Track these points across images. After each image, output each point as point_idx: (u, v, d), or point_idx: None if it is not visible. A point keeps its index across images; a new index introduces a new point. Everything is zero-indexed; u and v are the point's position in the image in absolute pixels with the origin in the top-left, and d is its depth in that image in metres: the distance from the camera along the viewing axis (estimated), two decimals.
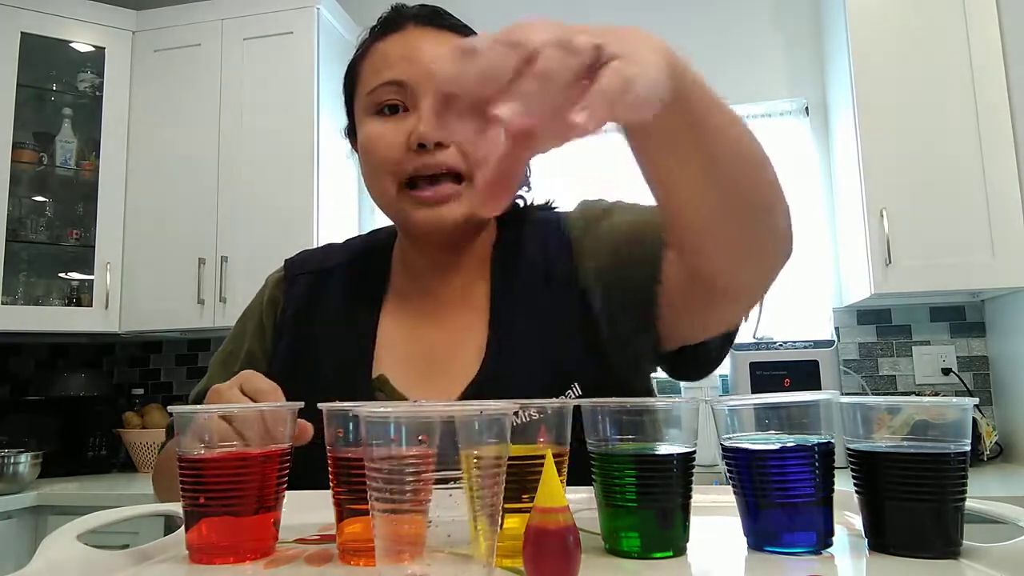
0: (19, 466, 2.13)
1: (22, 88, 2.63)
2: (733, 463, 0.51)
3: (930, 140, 2.14)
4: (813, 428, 0.50)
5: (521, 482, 0.47)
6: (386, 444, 0.41)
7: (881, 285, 2.13)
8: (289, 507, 0.61)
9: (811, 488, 0.49)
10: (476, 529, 0.40)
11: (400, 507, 0.40)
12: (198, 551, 0.51)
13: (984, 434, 2.12)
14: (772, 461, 0.50)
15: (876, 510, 0.49)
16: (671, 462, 0.50)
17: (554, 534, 0.40)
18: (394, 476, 0.40)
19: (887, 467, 0.48)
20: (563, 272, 0.85)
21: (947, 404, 0.49)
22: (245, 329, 0.95)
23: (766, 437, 0.51)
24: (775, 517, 0.50)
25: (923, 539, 0.47)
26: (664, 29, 2.78)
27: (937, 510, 0.47)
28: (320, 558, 0.52)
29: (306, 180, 2.57)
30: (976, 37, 2.14)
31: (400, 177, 0.82)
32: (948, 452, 0.48)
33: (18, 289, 2.67)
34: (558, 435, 0.53)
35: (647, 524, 0.50)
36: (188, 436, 0.53)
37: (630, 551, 0.50)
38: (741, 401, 0.52)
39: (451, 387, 0.82)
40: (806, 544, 0.49)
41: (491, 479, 0.41)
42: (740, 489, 0.51)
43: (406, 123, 0.82)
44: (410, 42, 0.84)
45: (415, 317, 0.90)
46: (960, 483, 0.48)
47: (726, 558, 0.50)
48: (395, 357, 0.87)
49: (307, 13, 2.64)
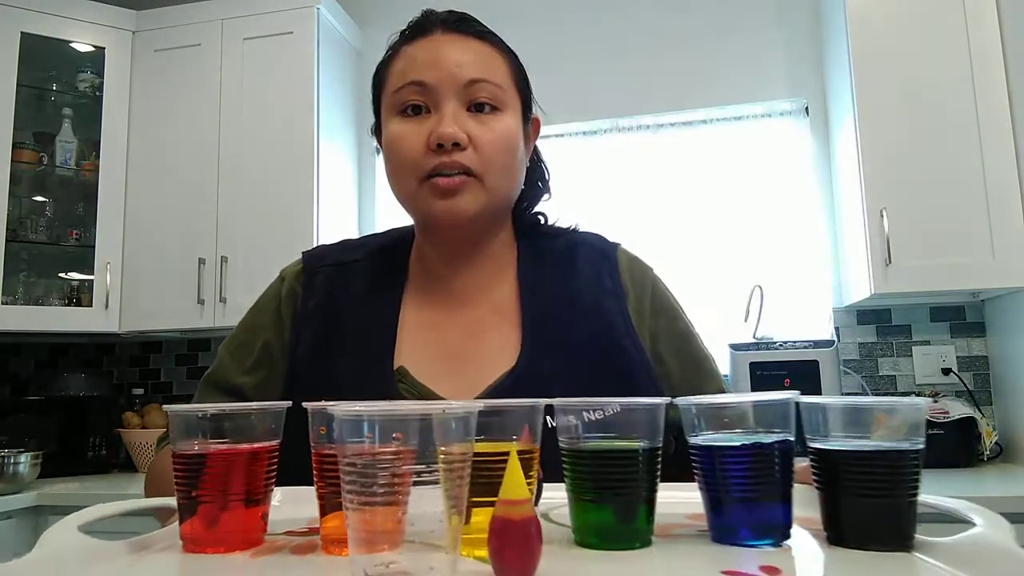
0: (19, 466, 2.13)
1: (22, 88, 2.63)
2: (697, 460, 0.54)
3: (930, 140, 2.14)
4: (773, 427, 0.52)
5: (493, 478, 0.49)
6: (359, 441, 0.43)
7: (881, 285, 2.13)
8: (283, 502, 0.64)
9: (770, 484, 0.51)
10: (446, 521, 0.42)
11: (371, 500, 0.42)
12: (190, 541, 0.54)
13: (984, 434, 2.12)
14: (733, 458, 0.52)
15: (833, 505, 0.51)
16: (636, 458, 0.52)
17: (517, 524, 0.42)
18: (367, 471, 0.42)
19: (844, 464, 0.50)
20: (611, 307, 0.91)
21: (900, 404, 0.51)
22: (259, 322, 0.95)
23: (728, 436, 0.53)
24: (736, 512, 0.52)
25: (878, 533, 0.49)
26: (664, 29, 2.79)
27: (891, 505, 0.49)
28: (304, 548, 0.54)
29: (306, 180, 2.57)
30: (976, 37, 2.14)
31: (419, 174, 0.85)
32: (902, 450, 0.49)
33: (18, 289, 2.67)
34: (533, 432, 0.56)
35: (613, 517, 0.52)
36: (181, 434, 0.56)
37: (596, 543, 0.52)
38: (704, 401, 0.54)
39: (477, 381, 0.85)
40: (766, 537, 0.51)
41: (458, 474, 0.43)
42: (704, 485, 0.53)
43: (427, 124, 0.85)
44: (435, 46, 0.87)
45: (434, 311, 0.92)
46: (913, 479, 0.50)
47: (688, 550, 0.52)
48: (415, 349, 0.89)
49: (307, 13, 2.64)
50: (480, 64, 0.86)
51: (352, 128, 2.93)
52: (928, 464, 1.55)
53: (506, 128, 0.87)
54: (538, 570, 0.43)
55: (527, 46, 0.95)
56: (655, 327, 0.93)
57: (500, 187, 0.87)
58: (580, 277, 0.93)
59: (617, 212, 2.60)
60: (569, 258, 0.95)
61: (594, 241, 1.00)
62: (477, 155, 0.84)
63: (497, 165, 0.85)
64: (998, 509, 0.51)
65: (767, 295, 2.39)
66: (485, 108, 0.86)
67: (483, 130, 0.85)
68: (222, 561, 0.52)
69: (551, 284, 0.92)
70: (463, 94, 0.85)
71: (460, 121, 0.84)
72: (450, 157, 0.83)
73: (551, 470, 0.57)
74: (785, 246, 2.56)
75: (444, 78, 0.85)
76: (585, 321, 0.89)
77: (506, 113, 0.87)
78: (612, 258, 0.96)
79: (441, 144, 0.83)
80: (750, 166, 2.63)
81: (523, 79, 0.93)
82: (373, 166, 2.96)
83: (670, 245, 2.58)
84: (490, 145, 0.85)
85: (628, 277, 0.95)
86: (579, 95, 2.72)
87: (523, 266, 0.94)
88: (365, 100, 2.96)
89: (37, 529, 2.13)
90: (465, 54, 0.86)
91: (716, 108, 2.67)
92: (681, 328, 0.95)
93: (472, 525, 0.48)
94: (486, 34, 0.90)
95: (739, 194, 2.62)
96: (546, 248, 0.97)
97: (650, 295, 0.94)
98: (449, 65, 0.85)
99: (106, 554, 0.51)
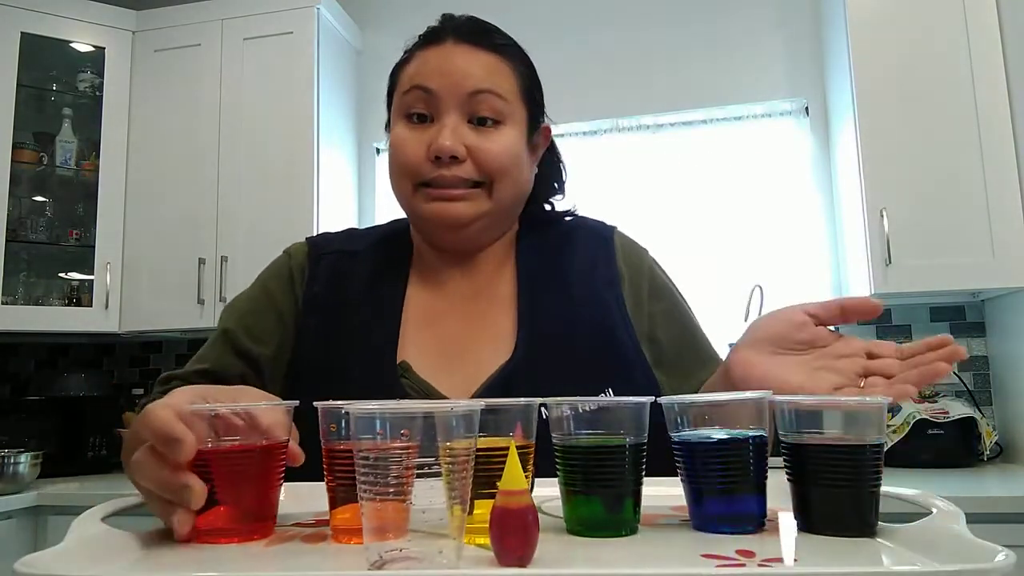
0: (19, 466, 2.12)
1: (22, 88, 2.64)
2: (679, 455, 0.57)
3: (930, 140, 2.14)
4: (749, 423, 0.56)
5: (491, 471, 0.53)
6: (372, 437, 0.46)
7: (881, 285, 2.13)
8: (289, 497, 0.67)
9: (746, 476, 0.55)
10: (450, 511, 0.46)
11: (384, 492, 0.45)
12: (205, 534, 0.56)
13: (984, 434, 2.12)
14: (712, 453, 0.56)
15: (803, 495, 0.55)
16: (623, 452, 0.55)
17: (515, 513, 0.46)
18: (379, 465, 0.46)
19: (813, 457, 0.54)
20: (607, 297, 0.92)
21: (862, 401, 0.55)
22: (270, 288, 0.96)
23: (708, 432, 0.56)
24: (715, 502, 0.56)
25: (843, 520, 0.53)
26: (665, 29, 2.78)
27: (855, 495, 0.53)
28: (315, 538, 0.57)
29: (306, 180, 2.57)
30: (976, 37, 2.15)
31: (416, 180, 0.88)
32: (864, 444, 0.54)
33: (18, 289, 2.67)
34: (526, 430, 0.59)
35: (602, 507, 0.55)
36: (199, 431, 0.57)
37: (587, 532, 0.55)
38: (685, 400, 0.58)
39: (475, 375, 0.85)
40: (743, 525, 0.55)
41: (462, 468, 0.47)
42: (685, 477, 0.57)
43: (428, 133, 0.87)
44: (446, 54, 0.89)
45: (435, 303, 0.93)
46: (875, 471, 0.54)
47: (671, 537, 0.56)
48: (417, 344, 0.89)
49: (307, 13, 2.64)
50: (486, 76, 0.88)
51: (352, 128, 2.93)
52: (928, 464, 1.56)
53: (506, 141, 0.88)
54: (535, 555, 0.47)
55: (527, 46, 0.95)
56: (653, 310, 0.94)
57: (506, 196, 0.89)
58: (576, 264, 0.94)
59: (617, 212, 2.59)
60: (568, 244, 0.97)
61: (592, 225, 1.01)
62: (476, 168, 0.86)
63: (499, 175, 0.87)
64: (998, 509, 0.53)
65: (767, 295, 2.39)
66: (487, 122, 0.87)
67: (482, 142, 0.86)
68: (239, 550, 0.54)
69: (547, 275, 0.93)
70: (466, 105, 0.87)
71: (459, 133, 0.86)
72: (449, 170, 0.86)
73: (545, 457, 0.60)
74: (785, 246, 2.56)
75: (448, 87, 0.86)
76: (581, 314, 0.90)
77: (508, 126, 0.88)
78: (610, 242, 0.98)
79: (439, 156, 0.85)
80: (750, 166, 2.63)
81: (532, 91, 0.93)
82: (373, 166, 2.96)
83: (670, 245, 2.57)
84: (489, 157, 0.86)
85: (623, 261, 0.96)
86: (579, 95, 2.72)
87: (523, 257, 0.96)
88: (365, 100, 2.97)
89: (37, 529, 2.13)
90: (473, 65, 0.88)
91: (716, 108, 2.68)
92: (679, 314, 0.97)
93: (474, 516, 0.51)
94: (500, 47, 0.91)
95: (739, 194, 2.62)
96: (545, 235, 0.98)
97: (647, 278, 0.96)
98: (455, 75, 0.87)
99: (128, 544, 0.54)
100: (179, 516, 0.54)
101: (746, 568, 0.45)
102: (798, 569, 0.46)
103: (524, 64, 0.93)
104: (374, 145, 2.96)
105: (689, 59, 2.72)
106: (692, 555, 0.49)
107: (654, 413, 0.58)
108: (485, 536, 0.47)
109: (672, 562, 0.49)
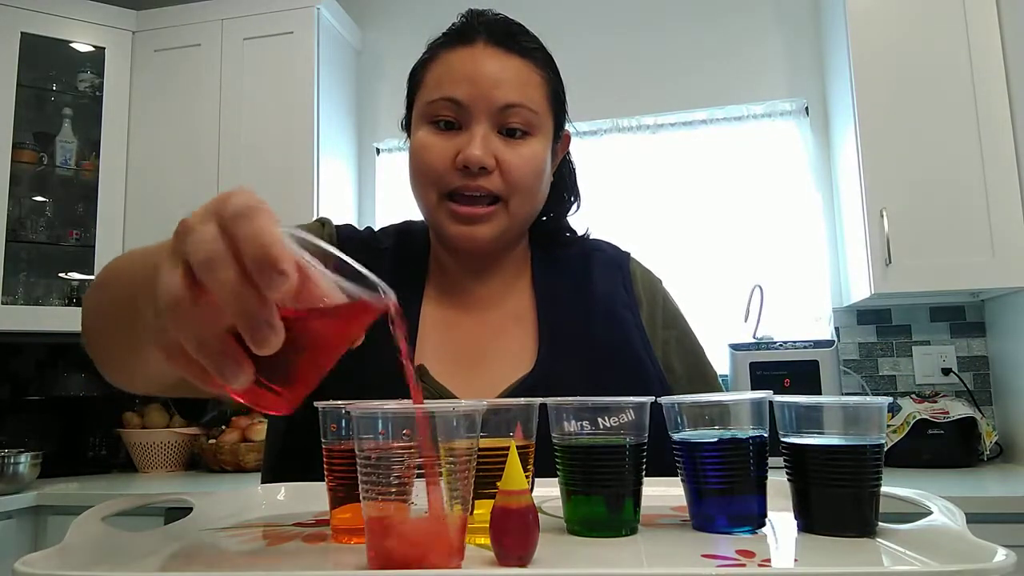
0: (19, 466, 2.12)
1: (22, 88, 2.63)
2: (679, 455, 0.57)
3: (930, 140, 2.14)
4: (749, 423, 0.56)
5: (492, 471, 0.53)
6: (374, 437, 0.46)
7: (881, 285, 2.13)
8: (289, 497, 0.68)
9: (746, 476, 0.55)
10: (451, 510, 0.46)
11: (386, 491, 0.45)
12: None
13: (984, 434, 2.12)
14: (712, 453, 0.56)
15: (804, 495, 0.55)
16: (623, 453, 0.56)
17: (515, 513, 0.46)
18: (380, 465, 0.45)
19: (813, 458, 0.54)
20: (627, 318, 0.92)
21: (862, 402, 0.55)
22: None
23: (707, 432, 0.56)
24: (715, 502, 0.56)
25: (843, 520, 0.53)
26: (664, 29, 2.79)
27: (855, 495, 0.53)
28: (315, 538, 0.57)
29: (306, 180, 2.57)
30: (976, 37, 2.15)
31: (442, 189, 0.85)
32: (864, 444, 0.54)
33: (18, 289, 2.67)
34: (525, 430, 0.59)
35: (603, 507, 0.55)
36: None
37: (587, 532, 0.55)
38: (686, 400, 0.58)
39: (492, 384, 0.85)
40: (742, 525, 0.55)
41: (462, 467, 0.47)
42: (685, 477, 0.57)
43: (457, 140, 0.84)
44: (475, 60, 0.85)
45: (453, 310, 0.93)
46: (875, 471, 0.54)
47: (671, 537, 0.56)
48: (435, 348, 0.89)
49: (307, 13, 2.64)
50: (518, 87, 0.85)
51: (352, 128, 2.93)
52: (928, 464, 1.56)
53: (534, 154, 0.86)
54: (535, 555, 0.47)
55: None
56: (667, 338, 0.95)
57: (522, 211, 0.88)
58: (595, 286, 0.94)
59: (618, 212, 2.60)
60: (583, 267, 0.96)
61: (607, 249, 1.01)
62: (503, 180, 0.84)
63: (522, 190, 0.85)
64: (998, 509, 0.53)
65: (767, 295, 2.39)
66: (516, 133, 0.85)
67: (511, 154, 0.84)
68: (238, 550, 0.55)
69: (567, 293, 0.93)
70: (496, 117, 0.84)
71: (489, 144, 0.83)
72: (475, 181, 0.83)
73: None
74: (785, 246, 2.56)
75: (479, 97, 0.83)
76: (601, 330, 0.90)
77: (537, 137, 0.87)
78: (625, 268, 0.98)
79: (467, 166, 0.82)
80: (750, 166, 2.63)
81: (559, 98, 0.92)
82: (373, 166, 2.96)
83: (671, 245, 2.58)
84: (517, 170, 0.84)
85: (641, 288, 0.97)
86: (579, 95, 2.71)
87: (538, 274, 0.96)
88: (365, 100, 2.97)
89: (37, 529, 2.13)
90: (505, 73, 0.85)
91: (716, 108, 2.67)
92: (690, 343, 0.98)
93: (474, 516, 0.51)
94: (530, 51, 0.88)
95: (739, 194, 2.62)
96: (560, 256, 0.98)
97: (661, 307, 0.97)
98: (486, 84, 0.84)
99: (131, 543, 0.54)
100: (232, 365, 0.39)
101: (746, 568, 0.45)
102: (798, 569, 0.47)
103: (551, 69, 0.91)
104: (374, 145, 2.96)
105: (689, 59, 2.72)
106: (692, 555, 0.49)
107: (655, 414, 0.58)
108: (485, 536, 0.48)
109: (672, 562, 0.49)
